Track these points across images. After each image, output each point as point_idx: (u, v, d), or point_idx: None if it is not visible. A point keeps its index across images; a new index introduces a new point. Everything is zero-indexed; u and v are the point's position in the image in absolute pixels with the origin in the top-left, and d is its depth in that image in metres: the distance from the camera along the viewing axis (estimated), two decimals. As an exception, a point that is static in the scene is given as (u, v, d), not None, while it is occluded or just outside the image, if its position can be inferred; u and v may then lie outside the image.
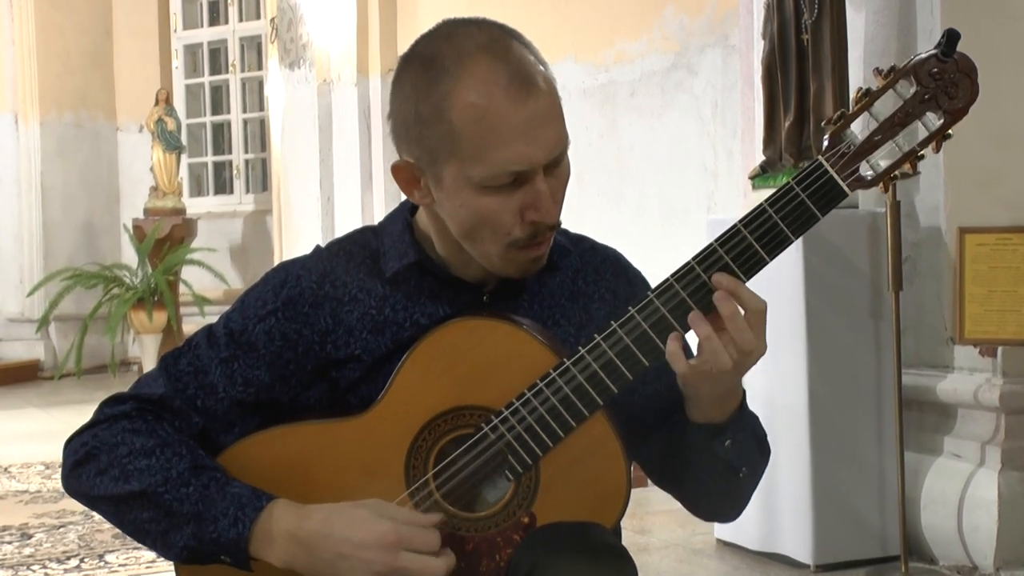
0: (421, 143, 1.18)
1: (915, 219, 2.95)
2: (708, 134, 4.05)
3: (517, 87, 1.14)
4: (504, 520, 1.18)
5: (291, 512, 1.16)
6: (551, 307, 1.27)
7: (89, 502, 1.24)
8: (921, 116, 1.15)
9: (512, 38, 1.18)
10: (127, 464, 1.20)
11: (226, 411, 1.24)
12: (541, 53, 1.20)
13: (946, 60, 1.14)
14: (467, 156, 1.15)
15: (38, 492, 4.09)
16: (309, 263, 1.27)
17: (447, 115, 1.15)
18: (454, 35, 1.18)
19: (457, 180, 1.16)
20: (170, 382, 1.24)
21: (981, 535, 2.76)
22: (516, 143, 1.14)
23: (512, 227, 1.17)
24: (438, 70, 1.15)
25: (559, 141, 1.17)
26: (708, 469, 1.23)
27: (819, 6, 2.90)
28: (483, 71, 1.14)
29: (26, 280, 7.66)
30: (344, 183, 6.16)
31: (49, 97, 7.79)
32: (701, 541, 3.16)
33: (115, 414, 1.24)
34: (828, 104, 2.90)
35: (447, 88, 1.14)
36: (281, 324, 1.23)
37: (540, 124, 1.15)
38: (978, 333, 2.72)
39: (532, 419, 1.16)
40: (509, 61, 1.15)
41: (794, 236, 1.15)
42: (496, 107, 1.13)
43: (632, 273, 1.34)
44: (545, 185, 1.16)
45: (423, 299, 1.24)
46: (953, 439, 2.89)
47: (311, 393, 1.24)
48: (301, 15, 6.40)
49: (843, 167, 1.15)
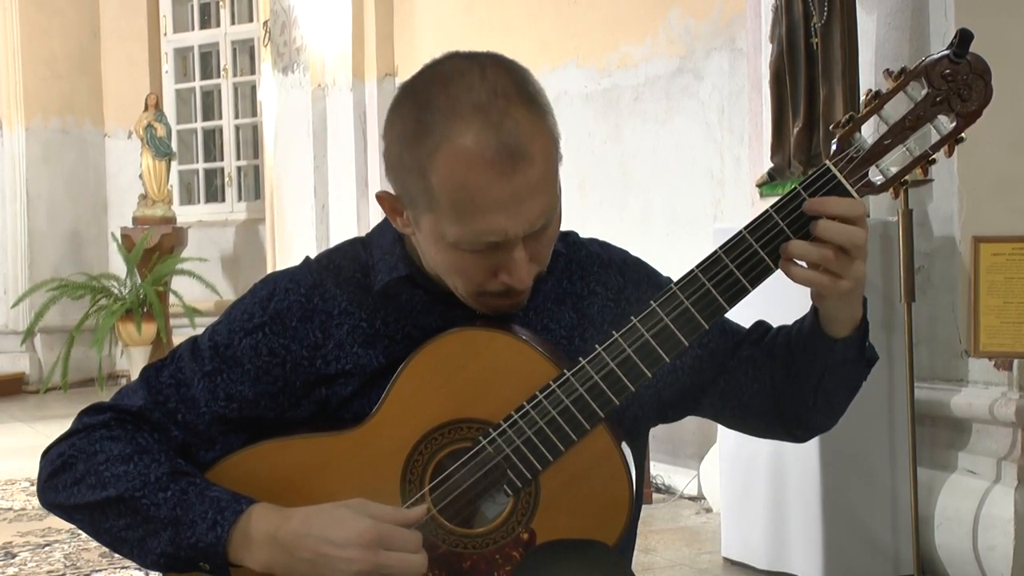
0: (403, 186, 1.16)
1: (928, 228, 2.91)
2: (714, 140, 4.01)
3: (503, 161, 1.09)
4: (503, 537, 1.16)
5: (271, 514, 1.15)
6: (540, 312, 1.26)
7: (65, 513, 1.23)
8: (933, 119, 1.13)
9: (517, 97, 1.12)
10: (104, 471, 1.19)
11: (207, 426, 1.22)
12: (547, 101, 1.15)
13: (959, 61, 1.12)
14: (443, 216, 1.13)
15: (23, 510, 4.04)
16: (298, 275, 1.25)
17: (428, 175, 1.12)
18: (452, 83, 1.12)
19: (433, 232, 1.15)
20: (150, 394, 1.23)
21: (997, 555, 2.71)
22: (495, 216, 1.11)
23: (484, 283, 1.16)
24: (427, 124, 1.12)
25: (543, 212, 1.13)
26: (847, 376, 1.23)
27: (829, 8, 2.87)
28: (471, 138, 1.09)
29: (10, 291, 7.62)
30: (339, 191, 6.13)
31: (34, 102, 7.75)
32: (707, 560, 3.11)
33: (93, 423, 1.23)
34: (838, 109, 2.86)
35: (432, 147, 1.11)
36: (268, 339, 1.22)
37: (524, 198, 1.11)
38: (993, 346, 2.70)
39: (532, 432, 1.14)
40: (501, 129, 1.09)
41: None
42: (477, 180, 1.10)
43: (621, 261, 1.31)
44: (523, 254, 1.14)
45: (415, 312, 1.23)
46: (968, 455, 2.85)
47: (299, 412, 1.22)
48: (295, 18, 6.35)
49: (852, 172, 1.13)
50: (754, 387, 1.27)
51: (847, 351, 1.21)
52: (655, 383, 1.23)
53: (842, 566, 2.79)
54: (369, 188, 5.94)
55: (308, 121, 6.23)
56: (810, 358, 1.22)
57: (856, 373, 1.24)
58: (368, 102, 6.00)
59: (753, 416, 1.30)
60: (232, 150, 8.05)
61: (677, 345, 1.14)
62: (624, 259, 1.31)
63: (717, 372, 1.28)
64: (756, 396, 1.27)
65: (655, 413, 1.29)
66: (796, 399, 1.25)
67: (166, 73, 8.20)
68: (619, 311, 1.26)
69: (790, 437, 1.32)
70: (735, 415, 1.31)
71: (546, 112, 1.14)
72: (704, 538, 3.33)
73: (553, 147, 1.14)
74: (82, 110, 7.99)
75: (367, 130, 5.98)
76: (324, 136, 6.21)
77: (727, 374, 1.28)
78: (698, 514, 3.65)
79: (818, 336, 1.20)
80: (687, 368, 1.27)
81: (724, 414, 1.32)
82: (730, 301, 1.14)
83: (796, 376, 1.24)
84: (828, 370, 1.22)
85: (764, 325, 1.31)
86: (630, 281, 1.27)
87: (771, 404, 1.27)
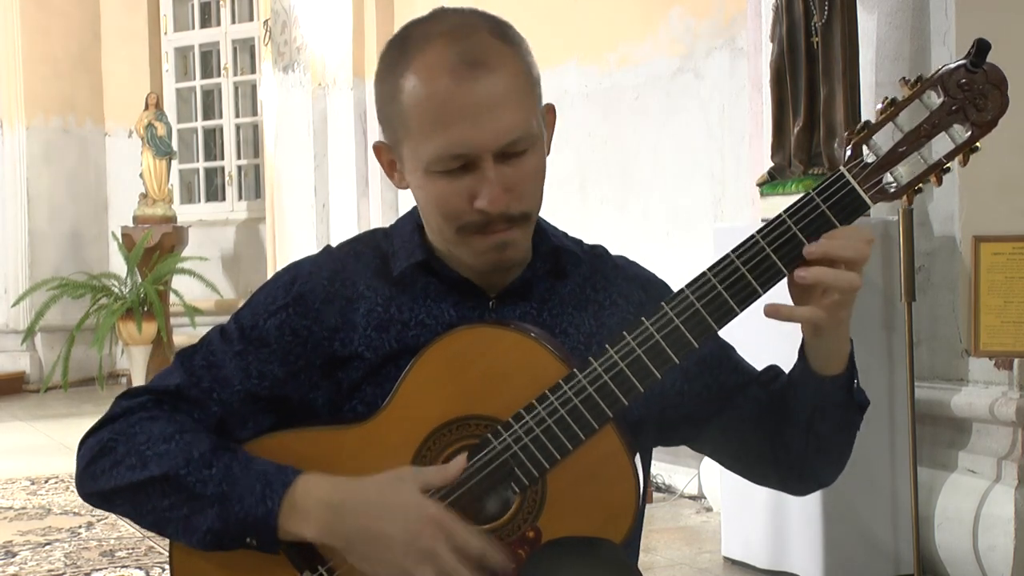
0: (387, 122, 1.21)
1: (929, 228, 2.90)
2: (715, 140, 4.00)
3: (464, 68, 1.13)
4: (509, 534, 1.16)
5: (323, 481, 1.16)
6: (559, 315, 1.26)
7: (105, 500, 1.22)
8: (948, 128, 1.14)
9: (488, 26, 1.17)
10: (145, 451, 1.19)
11: (241, 403, 1.23)
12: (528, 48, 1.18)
13: (976, 71, 1.13)
14: (416, 136, 1.16)
15: (23, 509, 4.03)
16: (320, 261, 1.28)
17: (399, 95, 1.17)
18: (432, 20, 1.19)
19: (412, 161, 1.18)
20: (186, 375, 1.25)
21: (998, 554, 2.70)
22: (459, 125, 1.13)
23: (461, 212, 1.17)
24: (401, 51, 1.18)
25: (511, 128, 1.15)
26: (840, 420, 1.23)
27: (829, 8, 2.87)
28: (436, 52, 1.15)
29: (11, 290, 7.60)
30: (339, 190, 6.13)
31: (35, 102, 7.74)
32: (708, 560, 3.10)
33: (131, 406, 1.23)
34: (839, 109, 2.86)
35: (402, 69, 1.17)
36: (292, 319, 1.24)
37: (487, 108, 1.13)
38: (994, 345, 2.70)
39: (540, 430, 1.14)
40: (465, 44, 1.15)
41: None
42: (439, 87, 1.14)
43: (645, 278, 1.33)
44: (493, 172, 1.15)
45: (429, 300, 1.25)
46: (968, 454, 2.85)
47: (318, 394, 1.24)
48: (295, 17, 6.35)
49: (866, 179, 1.14)
50: (755, 427, 1.28)
51: (835, 390, 1.21)
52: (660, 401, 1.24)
53: (842, 566, 2.78)
54: (369, 188, 5.93)
55: (308, 120, 6.22)
56: (801, 397, 1.22)
57: (848, 417, 1.24)
58: (368, 101, 5.98)
59: (752, 457, 1.30)
60: (232, 149, 8.04)
61: (687, 346, 1.14)
62: (648, 277, 1.33)
63: (722, 406, 1.28)
64: (755, 436, 1.28)
65: (655, 430, 1.29)
66: (790, 442, 1.25)
67: (167, 72, 8.19)
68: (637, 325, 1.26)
69: (785, 486, 1.33)
70: (734, 454, 1.32)
71: (518, 46, 1.18)
72: (704, 537, 3.33)
73: (524, 75, 1.17)
74: (83, 109, 7.98)
75: (367, 129, 5.98)
76: (324, 135, 6.21)
77: (732, 410, 1.28)
78: (698, 513, 3.65)
79: (808, 375, 1.21)
80: (695, 395, 1.28)
81: (723, 450, 1.33)
82: (740, 304, 1.14)
83: (789, 418, 1.24)
84: (818, 410, 1.22)
85: (775, 370, 1.31)
86: (651, 298, 1.26)
87: (768, 448, 1.27)
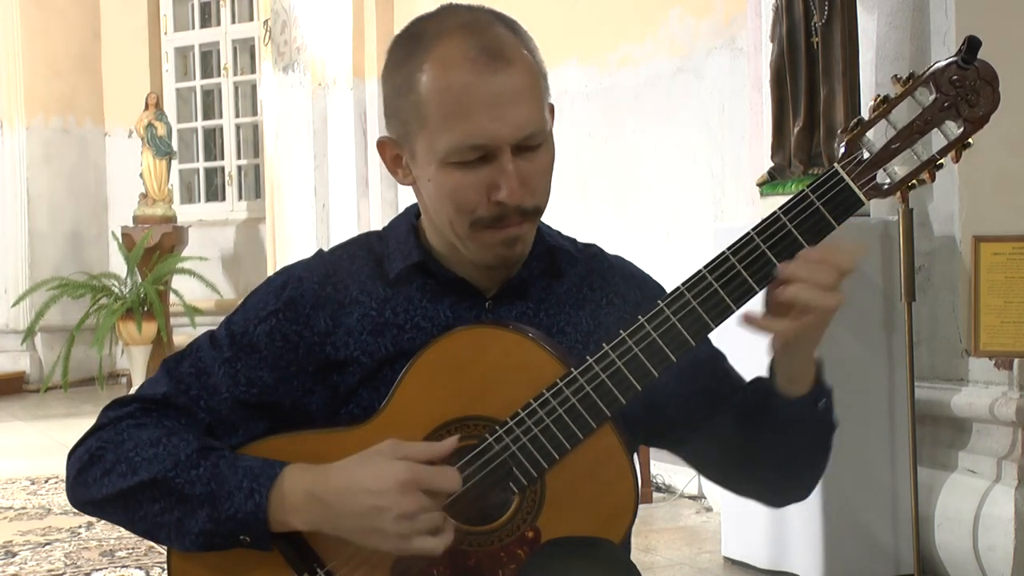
0: (397, 116, 1.21)
1: (929, 227, 2.90)
2: (715, 140, 3.99)
3: (486, 60, 1.15)
4: (508, 534, 1.16)
5: (305, 473, 1.16)
6: (556, 314, 1.26)
7: (97, 507, 1.23)
8: (940, 124, 1.15)
9: (500, 22, 1.19)
10: (133, 457, 1.19)
11: (229, 411, 1.23)
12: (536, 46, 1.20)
13: (967, 67, 1.14)
14: (434, 128, 1.16)
15: (23, 509, 4.03)
16: (312, 265, 1.28)
17: (416, 86, 1.17)
18: (442, 14, 1.21)
19: (427, 154, 1.18)
20: (173, 383, 1.25)
21: (998, 554, 2.70)
22: (479, 116, 1.14)
23: (476, 205, 1.17)
24: (415, 44, 1.19)
25: (529, 122, 1.16)
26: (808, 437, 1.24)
27: (829, 8, 2.87)
28: (455, 44, 1.16)
29: (11, 290, 7.59)
30: (340, 190, 6.12)
31: (35, 102, 7.74)
32: (708, 560, 3.10)
33: (119, 416, 1.24)
34: (839, 109, 2.86)
35: (419, 60, 1.17)
36: (282, 325, 1.23)
37: (508, 101, 1.15)
38: (994, 345, 2.69)
39: (538, 430, 1.15)
40: (483, 36, 1.16)
41: (808, 246, 1.15)
42: (460, 78, 1.15)
43: (641, 278, 1.33)
44: (512, 165, 1.16)
45: (424, 302, 1.24)
46: (968, 454, 2.84)
47: (313, 399, 1.23)
48: (295, 17, 6.34)
49: (860, 175, 1.14)
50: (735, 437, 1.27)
51: (800, 410, 1.21)
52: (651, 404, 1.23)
53: (842, 566, 2.78)
54: (369, 188, 5.93)
55: (308, 120, 6.22)
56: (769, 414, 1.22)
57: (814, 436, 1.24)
58: (368, 101, 5.99)
59: (730, 467, 1.30)
60: (232, 149, 8.04)
61: (684, 344, 1.14)
62: (644, 277, 1.33)
63: (710, 413, 1.28)
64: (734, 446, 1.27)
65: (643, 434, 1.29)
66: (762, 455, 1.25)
67: (166, 72, 8.18)
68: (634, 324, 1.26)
69: (760, 497, 1.33)
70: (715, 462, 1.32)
71: (529, 42, 1.20)
72: (704, 537, 3.33)
73: (537, 73, 1.19)
74: (83, 109, 7.97)
75: (367, 129, 5.97)
76: (324, 135, 6.20)
77: (718, 417, 1.28)
78: (698, 513, 3.65)
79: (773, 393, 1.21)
80: (685, 400, 1.27)
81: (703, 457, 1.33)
82: (737, 302, 1.15)
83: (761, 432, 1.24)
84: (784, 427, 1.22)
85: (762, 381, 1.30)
86: (647, 298, 1.26)
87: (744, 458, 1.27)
